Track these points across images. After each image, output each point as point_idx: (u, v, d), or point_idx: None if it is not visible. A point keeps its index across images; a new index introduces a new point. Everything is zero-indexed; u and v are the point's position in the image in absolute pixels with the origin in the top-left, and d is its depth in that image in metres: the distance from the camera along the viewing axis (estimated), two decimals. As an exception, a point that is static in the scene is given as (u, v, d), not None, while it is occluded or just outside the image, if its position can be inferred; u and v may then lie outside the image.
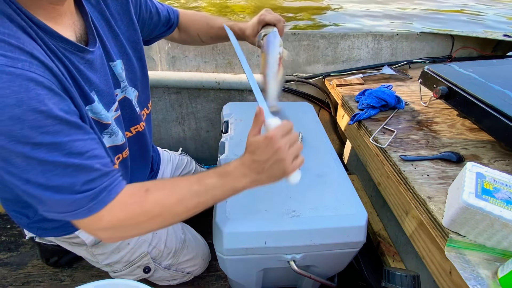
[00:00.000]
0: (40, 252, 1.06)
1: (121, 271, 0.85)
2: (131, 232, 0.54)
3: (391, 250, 0.94)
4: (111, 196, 0.49)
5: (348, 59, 1.28)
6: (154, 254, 0.85)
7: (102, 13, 0.63)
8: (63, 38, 0.50)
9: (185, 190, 0.54)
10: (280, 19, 0.76)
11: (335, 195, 0.72)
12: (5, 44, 0.41)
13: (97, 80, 0.58)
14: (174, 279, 0.95)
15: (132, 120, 0.73)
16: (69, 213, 0.47)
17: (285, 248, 0.67)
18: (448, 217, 0.55)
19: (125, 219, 0.50)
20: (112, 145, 0.64)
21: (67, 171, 0.45)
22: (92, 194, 0.47)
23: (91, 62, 0.56)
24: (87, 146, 0.47)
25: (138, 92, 0.75)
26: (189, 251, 0.93)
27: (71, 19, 0.54)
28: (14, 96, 0.39)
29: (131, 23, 0.70)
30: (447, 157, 0.73)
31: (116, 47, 0.67)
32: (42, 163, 0.43)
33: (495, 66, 0.94)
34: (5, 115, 0.39)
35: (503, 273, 0.47)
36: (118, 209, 0.50)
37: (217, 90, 1.31)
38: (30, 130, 0.41)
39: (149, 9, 0.77)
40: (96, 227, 0.50)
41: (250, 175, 0.55)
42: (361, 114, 0.93)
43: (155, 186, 0.54)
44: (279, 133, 0.52)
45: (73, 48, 0.52)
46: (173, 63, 1.24)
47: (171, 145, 1.48)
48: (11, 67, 0.40)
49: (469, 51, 1.31)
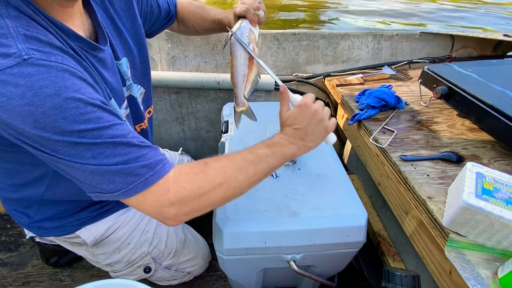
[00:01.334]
0: (40, 252, 1.06)
1: (121, 271, 0.85)
2: (197, 204, 0.52)
3: (391, 250, 0.94)
4: (166, 169, 0.49)
5: (348, 59, 1.28)
6: (154, 254, 0.85)
7: (107, 11, 0.63)
8: (79, 36, 0.51)
9: (240, 159, 0.55)
10: (248, 9, 0.64)
11: (335, 195, 0.72)
12: (36, 41, 0.42)
13: (110, 78, 0.59)
14: (174, 279, 0.95)
15: (138, 117, 0.74)
16: (125, 189, 0.47)
17: (285, 248, 0.67)
18: (448, 217, 0.55)
19: (191, 188, 0.50)
20: None
21: (117, 151, 0.45)
22: (148, 164, 0.47)
23: (104, 60, 0.57)
24: (127, 129, 0.48)
25: (144, 89, 0.76)
26: (189, 251, 0.93)
27: (80, 19, 0.55)
28: (53, 86, 0.40)
29: (135, 19, 0.70)
30: (447, 157, 0.73)
31: (121, 44, 0.67)
32: (91, 148, 0.44)
33: (495, 66, 0.94)
34: (46, 105, 0.40)
35: (503, 273, 0.47)
36: (183, 179, 0.50)
37: (217, 90, 1.31)
38: (73, 117, 0.42)
39: (150, 3, 0.77)
40: (163, 202, 0.49)
41: (296, 142, 0.58)
42: (361, 114, 0.93)
43: (212, 159, 0.55)
44: (309, 100, 0.59)
45: (88, 47, 0.53)
46: (173, 63, 1.24)
47: (171, 145, 1.48)
48: (46, 61, 0.41)
49: (469, 51, 1.31)
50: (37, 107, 0.39)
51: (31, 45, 0.41)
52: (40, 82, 0.39)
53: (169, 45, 1.20)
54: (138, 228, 0.82)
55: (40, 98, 0.39)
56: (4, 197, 0.71)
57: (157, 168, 0.48)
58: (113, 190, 0.47)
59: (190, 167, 0.52)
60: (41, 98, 0.39)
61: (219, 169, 0.52)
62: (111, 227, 0.78)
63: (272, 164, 0.57)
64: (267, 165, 0.56)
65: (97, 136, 0.44)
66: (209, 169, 0.52)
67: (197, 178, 0.51)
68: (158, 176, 0.48)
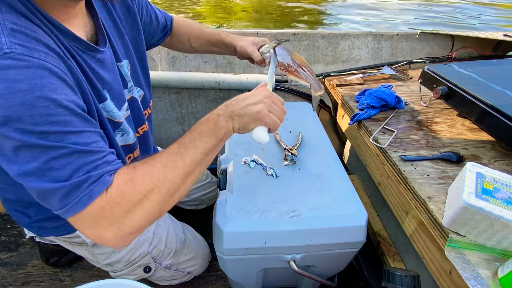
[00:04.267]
0: (40, 252, 1.06)
1: (121, 271, 0.85)
2: (135, 220, 0.47)
3: (391, 250, 0.94)
4: (110, 180, 0.46)
5: (348, 59, 1.28)
6: (154, 254, 0.85)
7: (110, 13, 0.64)
8: (76, 37, 0.51)
9: (165, 155, 0.51)
10: None
11: (335, 195, 0.72)
12: (22, 35, 0.41)
13: (110, 79, 0.59)
14: (174, 278, 0.95)
15: (139, 120, 0.74)
16: (70, 204, 0.44)
17: (285, 248, 0.67)
18: (448, 217, 0.55)
19: (123, 202, 0.46)
20: (124, 144, 0.65)
21: (70, 159, 0.43)
22: (94, 176, 0.44)
23: (103, 61, 0.57)
24: (93, 138, 0.47)
25: (144, 92, 0.76)
26: (189, 251, 0.94)
27: (82, 20, 0.55)
28: (28, 82, 0.39)
29: (135, 24, 0.71)
30: (447, 157, 0.73)
31: (123, 47, 0.68)
32: (47, 151, 0.42)
33: (495, 66, 0.94)
34: (17, 100, 0.39)
35: (503, 273, 0.47)
36: (114, 192, 0.46)
37: (217, 90, 1.31)
38: (40, 117, 0.40)
39: (149, 14, 0.78)
40: (99, 223, 0.45)
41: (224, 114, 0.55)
42: (361, 114, 0.93)
43: (140, 163, 0.50)
44: (263, 87, 0.60)
45: (85, 48, 0.53)
46: (173, 63, 1.24)
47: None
48: (28, 56, 0.40)
49: (469, 51, 1.31)
50: (6, 100, 0.38)
51: (16, 39, 0.40)
52: (16, 76, 0.39)
53: None
54: None
55: (12, 91, 0.39)
56: (4, 197, 0.71)
57: (100, 180, 0.45)
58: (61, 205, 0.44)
59: (121, 174, 0.48)
60: (13, 91, 0.39)
61: (145, 174, 0.48)
62: None
63: (203, 147, 0.52)
64: (197, 150, 0.51)
65: (58, 139, 0.42)
66: (136, 175, 0.47)
67: (126, 189, 0.46)
68: (102, 186, 0.45)
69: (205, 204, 1.23)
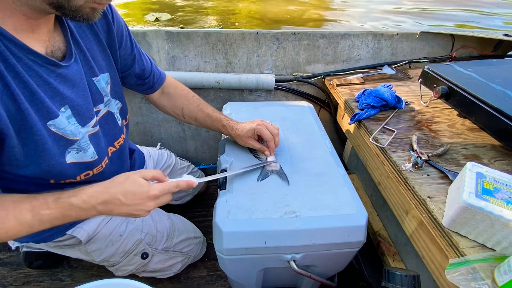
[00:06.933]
0: (23, 257, 1.05)
1: (119, 263, 0.86)
2: None
3: (391, 250, 0.94)
4: None
5: (348, 58, 1.28)
6: (148, 239, 0.87)
7: (91, 28, 0.64)
8: (32, 50, 0.50)
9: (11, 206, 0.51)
10: (272, 138, 0.78)
11: (335, 195, 0.72)
12: None
13: (73, 95, 0.58)
14: (176, 261, 0.96)
15: (115, 134, 0.74)
16: None
17: (285, 248, 0.67)
18: (448, 217, 0.55)
19: None
20: (77, 161, 0.63)
21: None
22: None
23: (65, 76, 0.56)
24: None
25: (121, 104, 0.76)
26: (180, 233, 0.97)
27: (47, 35, 0.54)
28: None
29: (112, 39, 0.69)
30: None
31: (105, 60, 0.68)
32: None
33: (496, 66, 0.93)
34: None
35: (503, 282, 0.47)
36: None
37: (217, 90, 1.31)
38: None
39: (127, 47, 0.75)
40: None
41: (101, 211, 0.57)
42: (361, 113, 0.93)
43: None
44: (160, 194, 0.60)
45: (43, 61, 0.52)
46: (173, 62, 1.23)
47: (171, 145, 1.48)
48: None
49: (469, 51, 1.31)
50: None
51: None
52: None
53: (169, 45, 1.20)
54: (126, 218, 0.84)
55: None
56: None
57: None
58: None
59: None
60: None
61: None
62: (101, 222, 0.80)
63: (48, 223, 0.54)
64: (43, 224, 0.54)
65: None
66: None
67: None
68: None
69: (191, 195, 1.26)
